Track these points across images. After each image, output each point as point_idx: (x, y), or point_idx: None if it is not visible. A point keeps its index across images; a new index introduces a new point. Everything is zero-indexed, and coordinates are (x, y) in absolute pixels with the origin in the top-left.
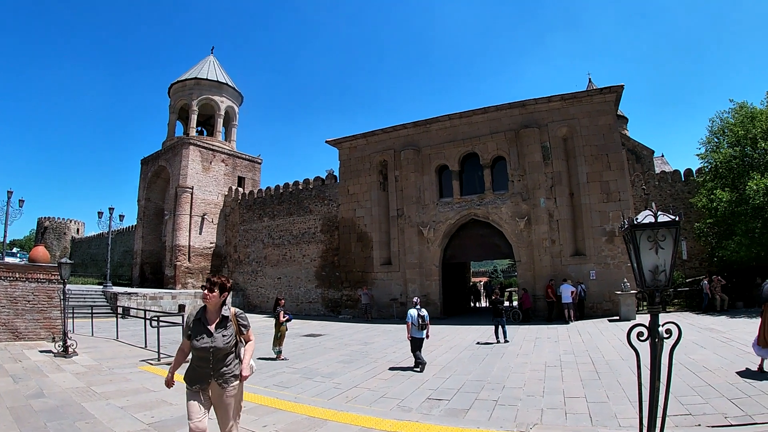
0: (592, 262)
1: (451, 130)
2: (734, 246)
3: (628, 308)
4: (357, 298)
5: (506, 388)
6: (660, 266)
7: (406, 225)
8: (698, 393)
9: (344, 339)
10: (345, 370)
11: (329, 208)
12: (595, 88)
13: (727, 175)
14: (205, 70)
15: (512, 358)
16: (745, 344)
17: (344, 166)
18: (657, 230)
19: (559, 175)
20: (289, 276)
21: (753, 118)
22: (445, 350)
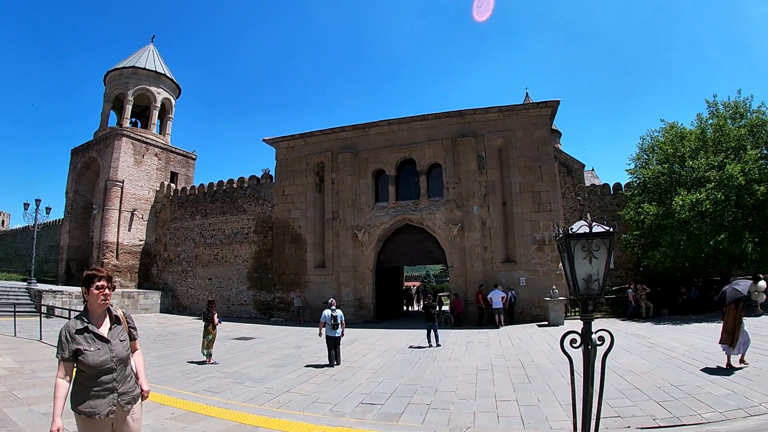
0: (523, 269)
1: (390, 135)
2: (659, 257)
3: (557, 314)
4: (290, 301)
5: (439, 391)
6: (593, 275)
7: (341, 228)
8: (626, 396)
9: (276, 342)
10: (277, 374)
11: (264, 208)
12: (532, 102)
13: (654, 190)
14: (144, 59)
15: (444, 362)
16: (670, 349)
17: (281, 166)
18: (591, 240)
19: (493, 184)
20: (221, 277)
21: (682, 137)
22: (378, 354)
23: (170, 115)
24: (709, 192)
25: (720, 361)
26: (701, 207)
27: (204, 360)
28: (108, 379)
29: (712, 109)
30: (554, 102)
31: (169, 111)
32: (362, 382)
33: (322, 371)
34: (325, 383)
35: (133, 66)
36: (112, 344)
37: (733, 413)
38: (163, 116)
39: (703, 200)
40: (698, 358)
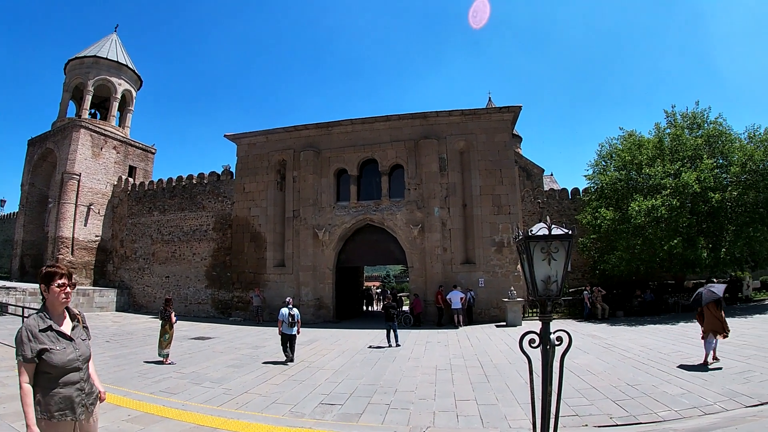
0: (482, 270)
1: (353, 134)
2: (615, 260)
3: (515, 315)
4: (248, 300)
5: (399, 391)
6: (552, 276)
7: (302, 227)
8: (584, 395)
9: (235, 342)
10: (235, 374)
11: (223, 205)
12: (494, 107)
13: (612, 196)
14: (106, 49)
15: (404, 361)
16: (626, 350)
17: (242, 163)
18: (551, 242)
19: (453, 186)
20: (178, 275)
21: (640, 145)
22: (338, 354)
23: (130, 107)
24: (664, 198)
25: (675, 360)
26: (657, 213)
27: (161, 360)
28: (76, 379)
29: (670, 118)
30: (516, 107)
31: (129, 103)
32: (322, 383)
33: (282, 371)
34: (284, 383)
35: (94, 55)
36: (77, 343)
37: (688, 412)
38: (123, 108)
39: (658, 206)
40: (653, 358)
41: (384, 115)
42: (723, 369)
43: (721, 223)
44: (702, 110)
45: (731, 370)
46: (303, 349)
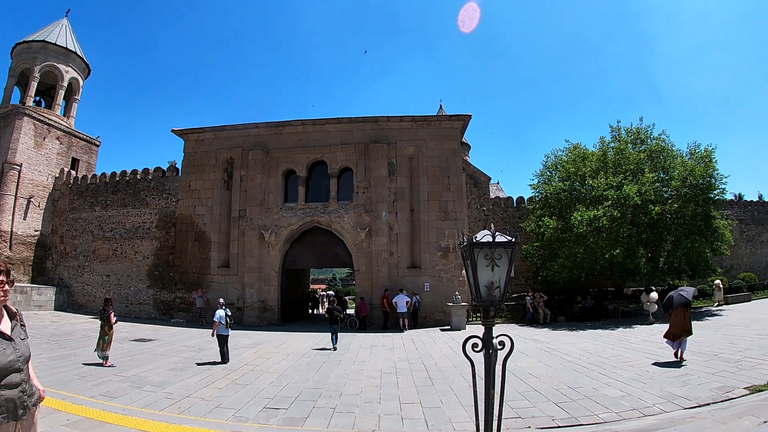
0: (427, 275)
1: (303, 135)
2: (557, 267)
3: (459, 319)
4: (191, 302)
5: (344, 395)
6: (495, 282)
7: (248, 227)
8: (526, 398)
9: (176, 345)
10: (177, 378)
11: (168, 202)
12: (445, 115)
13: (555, 205)
14: (56, 34)
15: (349, 365)
16: (567, 354)
17: (188, 160)
18: (494, 249)
19: (402, 191)
20: (119, 274)
21: (585, 158)
22: (283, 357)
23: (76, 97)
24: (606, 209)
25: (615, 364)
26: (598, 223)
27: (100, 362)
28: (17, 380)
29: (614, 133)
30: (466, 116)
31: (75, 92)
32: (266, 386)
33: (225, 375)
34: (227, 387)
35: (43, 40)
36: (16, 343)
37: (628, 413)
38: (69, 97)
39: (600, 217)
40: (593, 362)
41: (335, 117)
42: (662, 372)
43: (661, 234)
44: (646, 126)
45: (670, 374)
46: (247, 352)
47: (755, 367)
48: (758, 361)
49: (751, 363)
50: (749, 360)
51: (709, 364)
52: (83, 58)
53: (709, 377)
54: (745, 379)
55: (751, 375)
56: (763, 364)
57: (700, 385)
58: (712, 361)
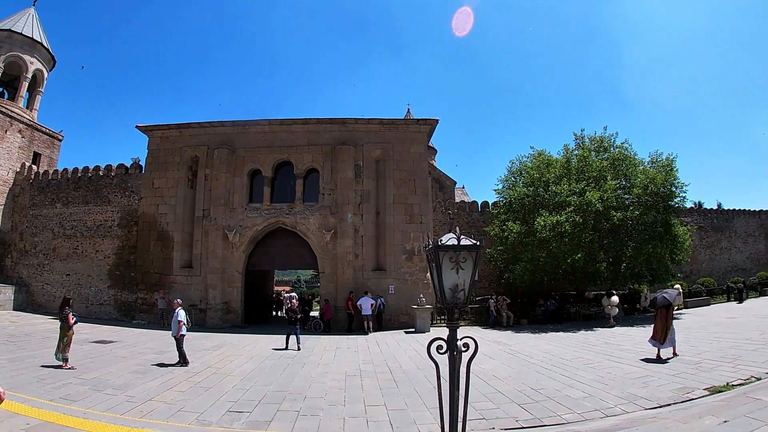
0: (392, 277)
1: (270, 135)
2: (520, 271)
3: (424, 321)
4: (153, 303)
5: (308, 398)
6: (460, 285)
7: (212, 227)
8: (490, 399)
9: (138, 347)
10: (139, 381)
11: (130, 200)
12: (412, 118)
13: (519, 210)
14: (22, 23)
15: (314, 367)
16: (530, 356)
17: (152, 157)
18: (459, 252)
19: (368, 193)
20: (80, 273)
21: (549, 164)
22: (246, 360)
23: (40, 89)
24: (569, 215)
25: (577, 366)
26: (561, 228)
27: (60, 365)
28: None
29: (578, 141)
30: (433, 120)
31: (39, 84)
32: (229, 389)
33: (188, 378)
34: (190, 390)
35: (9, 29)
36: None
37: (591, 414)
38: (33, 89)
39: (563, 222)
40: (556, 363)
41: (302, 117)
42: (624, 374)
43: (622, 240)
44: (609, 135)
45: (631, 375)
46: (210, 354)
47: (714, 368)
48: (717, 363)
49: (711, 365)
50: (708, 362)
51: (670, 366)
52: (49, 49)
53: (669, 379)
54: (705, 381)
55: (710, 376)
56: (722, 366)
57: (661, 386)
58: (672, 363)
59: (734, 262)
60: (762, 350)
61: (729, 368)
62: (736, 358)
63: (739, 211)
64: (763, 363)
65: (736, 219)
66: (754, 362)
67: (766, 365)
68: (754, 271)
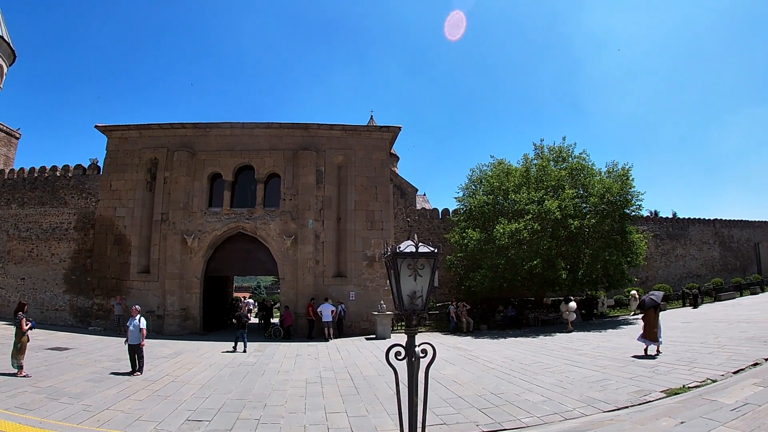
0: (353, 284)
1: (231, 138)
2: (480, 278)
3: (384, 328)
4: (110, 309)
5: (268, 406)
6: (418, 292)
7: (170, 231)
8: (450, 404)
9: (95, 354)
10: (96, 389)
11: (87, 202)
12: (375, 125)
13: (479, 218)
14: None
15: (274, 375)
16: (489, 361)
17: (111, 158)
18: (417, 259)
19: (329, 199)
20: (35, 277)
21: (508, 173)
22: (205, 367)
23: None
24: (527, 223)
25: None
26: (520, 235)
27: (15, 372)
28: None
29: (538, 150)
30: (396, 128)
31: None
32: (188, 398)
33: (146, 386)
34: (148, 399)
35: None
36: None
37: (550, 417)
38: None
39: (521, 229)
40: (515, 368)
41: (265, 122)
42: (582, 377)
43: (579, 247)
44: (568, 145)
45: (589, 379)
46: (168, 362)
47: (671, 371)
48: (673, 366)
49: (667, 368)
50: (665, 365)
51: (626, 370)
52: (9, 43)
53: (627, 382)
54: (662, 383)
55: (667, 379)
56: (678, 368)
57: (619, 389)
58: (629, 366)
59: (689, 269)
60: (717, 353)
61: (685, 371)
62: (692, 361)
63: (693, 220)
64: (718, 366)
65: (690, 227)
66: (710, 365)
67: (721, 368)
68: (708, 278)
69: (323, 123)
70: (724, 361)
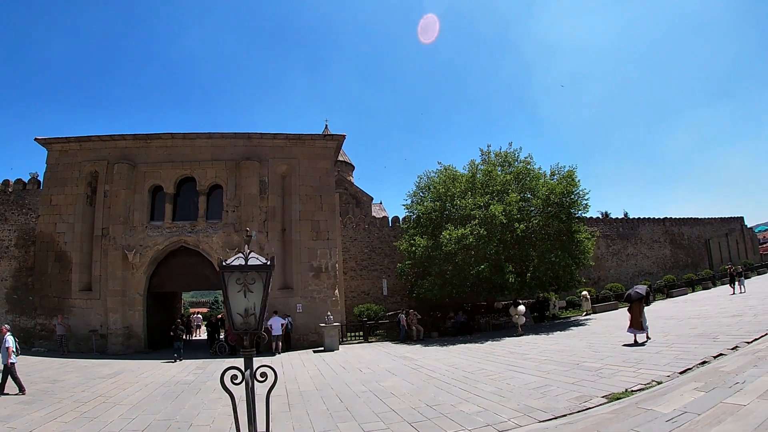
0: (299, 296)
1: (173, 149)
2: (428, 285)
3: (332, 339)
4: (52, 329)
5: (194, 426)
6: (249, 309)
7: (111, 247)
8: (381, 419)
9: (32, 376)
10: (25, 411)
11: (28, 218)
12: (318, 134)
13: (428, 225)
14: None
15: (208, 393)
16: (433, 370)
17: (51, 172)
18: (246, 273)
19: (273, 210)
20: None
21: (454, 179)
22: (140, 387)
23: None
24: (473, 228)
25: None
26: (466, 241)
27: None
28: None
29: (485, 156)
30: (340, 136)
31: None
32: (115, 419)
33: (75, 408)
34: (74, 421)
35: None
36: None
37: (482, 430)
38: None
39: (467, 235)
40: (457, 377)
41: (206, 132)
42: (522, 384)
43: (527, 250)
44: (514, 150)
45: (530, 386)
46: (104, 383)
47: (615, 374)
48: (618, 368)
49: (612, 371)
50: (610, 368)
51: (570, 374)
52: None
53: (568, 387)
54: (605, 387)
55: (610, 383)
56: (623, 370)
57: (559, 395)
58: (574, 370)
59: (641, 267)
60: (664, 352)
61: (630, 373)
62: (638, 362)
63: (644, 219)
64: (665, 366)
65: (641, 227)
66: (656, 365)
67: (668, 368)
68: (660, 275)
69: (266, 132)
70: (671, 360)
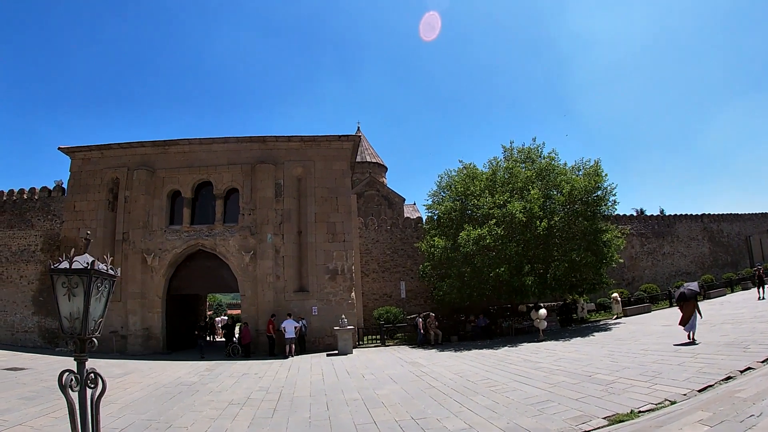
0: (315, 298)
1: (190, 155)
2: (447, 287)
3: (346, 343)
4: None
5: (173, 427)
6: (74, 313)
7: (131, 251)
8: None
9: (45, 374)
10: (22, 407)
11: (53, 224)
12: (334, 135)
13: (448, 225)
14: None
15: (203, 395)
16: (436, 378)
17: (74, 179)
18: (70, 276)
19: (289, 212)
20: (5, 299)
21: (474, 178)
22: (142, 387)
23: None
24: (490, 228)
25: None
26: (484, 242)
27: None
28: None
29: (507, 153)
30: (355, 136)
31: None
32: (102, 417)
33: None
34: (64, 417)
35: None
36: None
37: None
38: None
39: (485, 235)
40: (458, 387)
41: (222, 137)
42: (522, 398)
43: (550, 250)
44: (537, 146)
45: (530, 400)
46: (110, 382)
47: (627, 389)
48: (633, 382)
49: (624, 385)
50: (623, 381)
51: (578, 387)
52: None
53: (570, 404)
54: (609, 406)
55: (619, 400)
56: (637, 385)
57: (556, 414)
58: (583, 383)
59: (678, 267)
60: (688, 365)
61: (644, 388)
62: (656, 375)
63: (680, 216)
64: (684, 381)
65: (677, 224)
66: (674, 380)
67: (686, 384)
68: (698, 275)
69: (281, 135)
70: (692, 374)
